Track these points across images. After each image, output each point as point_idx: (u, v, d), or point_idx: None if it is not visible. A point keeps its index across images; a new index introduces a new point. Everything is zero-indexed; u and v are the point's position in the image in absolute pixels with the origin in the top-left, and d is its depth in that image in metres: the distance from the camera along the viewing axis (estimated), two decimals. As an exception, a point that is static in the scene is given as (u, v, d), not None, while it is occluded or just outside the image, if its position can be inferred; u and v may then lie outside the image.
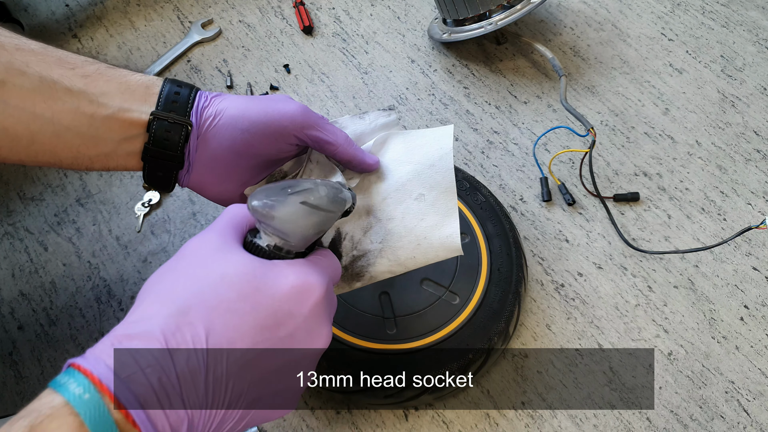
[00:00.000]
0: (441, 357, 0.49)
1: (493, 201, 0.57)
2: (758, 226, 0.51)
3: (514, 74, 0.75)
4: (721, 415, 0.53)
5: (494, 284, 0.53)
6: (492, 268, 0.53)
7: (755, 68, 0.75)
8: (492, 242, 0.55)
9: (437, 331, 0.50)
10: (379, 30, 0.80)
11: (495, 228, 0.55)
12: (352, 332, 0.50)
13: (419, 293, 0.52)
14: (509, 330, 0.52)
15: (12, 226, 0.64)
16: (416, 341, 0.50)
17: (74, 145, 0.40)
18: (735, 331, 0.57)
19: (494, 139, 0.70)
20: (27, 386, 0.54)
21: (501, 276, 0.53)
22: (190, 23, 0.80)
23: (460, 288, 0.52)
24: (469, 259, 0.54)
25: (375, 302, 0.51)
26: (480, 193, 0.58)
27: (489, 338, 0.50)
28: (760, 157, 0.68)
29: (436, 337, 0.50)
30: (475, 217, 0.56)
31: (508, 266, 0.53)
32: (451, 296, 0.52)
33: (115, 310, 0.58)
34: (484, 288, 0.52)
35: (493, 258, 0.54)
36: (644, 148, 0.68)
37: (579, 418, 0.52)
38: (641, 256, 0.61)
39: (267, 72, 0.76)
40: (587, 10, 0.81)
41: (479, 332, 0.50)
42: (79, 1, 0.82)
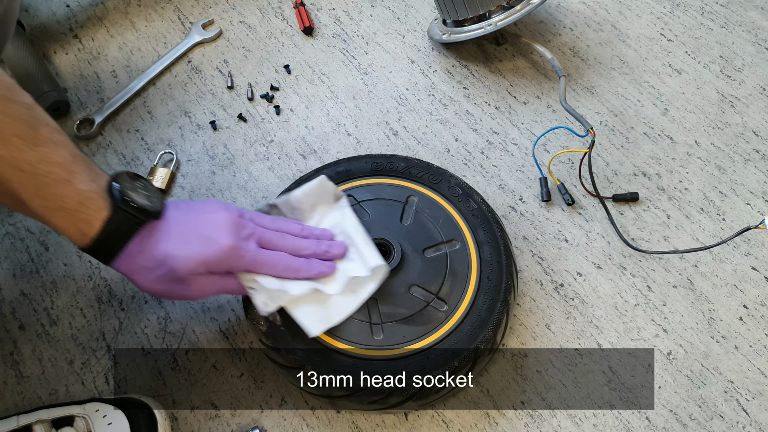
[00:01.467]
0: (427, 363, 0.49)
1: (485, 208, 0.57)
2: (757, 226, 0.51)
3: (513, 75, 0.75)
4: (721, 414, 0.53)
5: (483, 292, 0.52)
6: (481, 275, 0.53)
7: (754, 68, 0.75)
8: (482, 249, 0.54)
9: (424, 337, 0.50)
10: (379, 31, 0.80)
11: (486, 235, 0.55)
12: (339, 337, 0.50)
13: (407, 299, 0.52)
14: (497, 338, 0.51)
15: (13, 226, 0.64)
16: (402, 347, 0.49)
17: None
18: (734, 331, 0.57)
19: (494, 139, 0.70)
20: (28, 386, 0.54)
21: (490, 284, 0.52)
22: (191, 24, 0.80)
23: (449, 295, 0.52)
24: (458, 266, 0.54)
25: (362, 307, 0.51)
26: (472, 199, 0.57)
27: (476, 346, 0.49)
28: (759, 157, 0.68)
29: (423, 344, 0.50)
30: (466, 224, 0.56)
31: (497, 274, 0.53)
32: (439, 303, 0.52)
33: (115, 310, 0.58)
34: (473, 295, 0.52)
35: (483, 265, 0.54)
36: (643, 149, 0.68)
37: (578, 418, 0.53)
38: (640, 256, 0.61)
39: (267, 72, 0.76)
40: (587, 10, 0.81)
41: (466, 339, 0.50)
42: (80, 2, 0.83)
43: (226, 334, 0.57)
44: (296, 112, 0.73)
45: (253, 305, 0.48)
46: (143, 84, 0.73)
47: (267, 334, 0.50)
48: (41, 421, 0.47)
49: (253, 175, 0.67)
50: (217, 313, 0.58)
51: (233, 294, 0.50)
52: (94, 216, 0.42)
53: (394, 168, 0.60)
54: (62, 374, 0.55)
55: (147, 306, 0.59)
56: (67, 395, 0.54)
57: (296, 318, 0.48)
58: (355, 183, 0.59)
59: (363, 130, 0.71)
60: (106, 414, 0.47)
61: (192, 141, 0.70)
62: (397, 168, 0.60)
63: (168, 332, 0.57)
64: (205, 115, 0.72)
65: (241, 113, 0.72)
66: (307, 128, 0.71)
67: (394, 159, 0.60)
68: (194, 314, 0.58)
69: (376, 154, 0.61)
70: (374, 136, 0.70)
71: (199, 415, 0.53)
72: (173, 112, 0.72)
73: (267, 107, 0.73)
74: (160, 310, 0.58)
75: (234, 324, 0.58)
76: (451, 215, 0.56)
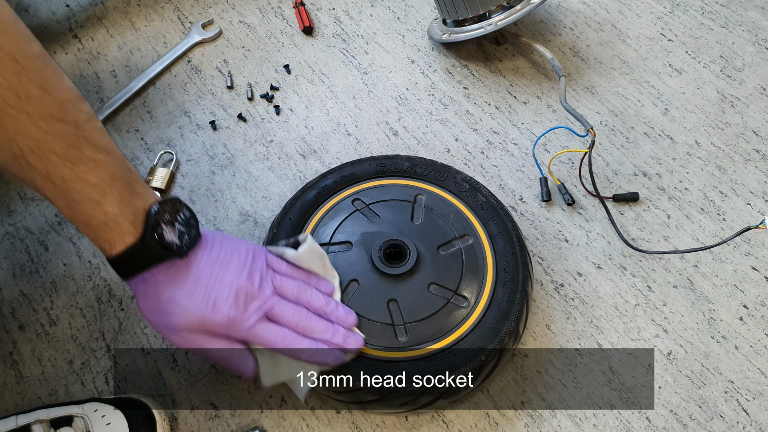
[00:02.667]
0: (454, 360, 0.49)
1: (493, 201, 0.57)
2: (757, 226, 0.51)
3: (513, 75, 0.75)
4: (721, 414, 0.53)
5: (501, 284, 0.52)
6: (498, 268, 0.53)
7: (754, 68, 0.75)
8: (496, 242, 0.55)
9: (448, 334, 0.50)
10: (379, 30, 0.80)
11: (497, 228, 0.55)
12: (365, 342, 0.49)
13: (427, 298, 0.52)
14: (519, 329, 0.52)
15: (13, 226, 0.64)
16: (428, 346, 0.50)
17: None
18: (734, 331, 0.57)
19: (494, 139, 0.70)
20: (27, 386, 0.54)
21: (507, 276, 0.53)
22: (191, 24, 0.80)
23: (468, 290, 0.52)
24: (474, 261, 0.54)
25: (384, 310, 0.51)
26: (480, 193, 0.58)
27: (500, 339, 0.49)
28: (759, 157, 0.68)
29: (448, 341, 0.50)
30: (476, 218, 0.56)
31: (513, 265, 0.53)
32: (460, 299, 0.52)
33: (115, 310, 0.58)
34: (492, 289, 0.52)
35: (498, 258, 0.54)
36: (644, 149, 0.68)
37: (578, 418, 0.53)
38: (641, 256, 0.61)
39: (267, 72, 0.76)
40: (587, 10, 0.81)
41: (490, 333, 0.50)
42: (80, 2, 0.83)
43: (226, 334, 0.57)
44: (296, 112, 0.72)
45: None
46: (143, 84, 0.73)
47: None
48: (40, 421, 0.47)
49: (252, 175, 0.67)
50: (217, 313, 0.58)
51: (217, 359, 0.48)
52: (117, 239, 0.43)
53: (398, 168, 0.60)
54: (62, 374, 0.55)
55: (147, 306, 0.59)
56: (67, 395, 0.54)
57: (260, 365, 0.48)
58: (361, 186, 0.59)
59: (363, 129, 0.71)
60: (104, 414, 0.47)
61: (192, 141, 0.70)
62: (401, 168, 0.60)
63: (168, 332, 0.57)
64: (205, 115, 0.72)
65: (241, 113, 0.72)
66: (307, 128, 0.71)
67: (398, 159, 0.60)
68: (194, 314, 0.58)
69: (380, 156, 0.61)
70: (374, 136, 0.70)
71: (198, 415, 0.53)
72: (173, 112, 0.72)
73: (267, 107, 0.73)
74: (159, 310, 0.58)
75: (234, 324, 0.57)
76: (461, 211, 0.57)
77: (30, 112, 0.38)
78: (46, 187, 0.40)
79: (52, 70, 0.40)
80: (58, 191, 0.41)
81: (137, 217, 0.43)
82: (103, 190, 0.41)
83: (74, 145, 0.40)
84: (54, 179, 0.40)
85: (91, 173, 0.41)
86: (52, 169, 0.40)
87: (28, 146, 0.39)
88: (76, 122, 0.40)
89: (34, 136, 0.38)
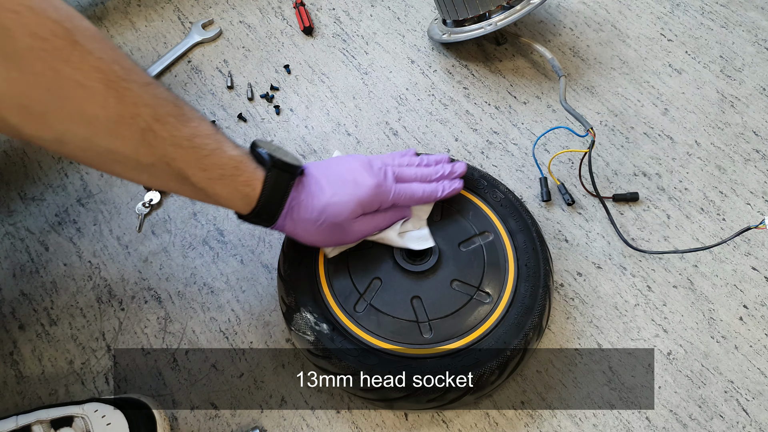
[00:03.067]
0: (480, 356, 0.48)
1: (512, 197, 0.57)
2: (757, 226, 0.51)
3: (513, 75, 0.75)
4: (721, 414, 0.53)
5: (523, 280, 0.52)
6: (519, 263, 0.53)
7: (754, 68, 0.75)
8: (516, 238, 0.55)
9: (473, 330, 0.50)
10: (379, 31, 0.80)
11: (517, 224, 0.56)
12: (390, 339, 0.49)
13: (450, 295, 0.52)
14: (543, 324, 0.52)
15: (13, 226, 0.64)
16: (453, 342, 0.50)
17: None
18: (734, 331, 0.57)
19: (494, 139, 0.70)
20: (27, 386, 0.54)
21: (529, 271, 0.53)
22: (191, 24, 0.80)
23: (490, 286, 0.52)
24: (495, 257, 0.54)
25: (408, 307, 0.51)
26: (498, 189, 0.58)
27: (525, 334, 0.50)
28: (759, 157, 0.68)
29: (472, 337, 0.50)
30: (496, 214, 0.56)
31: (535, 261, 0.53)
32: (483, 295, 0.52)
33: (115, 310, 0.58)
34: (514, 284, 0.52)
35: (519, 254, 0.54)
36: (643, 149, 0.68)
37: (578, 418, 0.53)
38: (640, 256, 0.61)
39: (267, 72, 0.76)
40: (586, 10, 0.81)
41: (514, 329, 0.50)
42: (80, 2, 0.83)
43: (226, 334, 0.57)
44: (296, 111, 0.73)
45: (298, 311, 0.50)
46: (143, 84, 0.73)
47: (316, 344, 0.49)
48: (40, 421, 0.47)
49: (252, 175, 0.67)
50: (217, 313, 0.58)
51: (382, 229, 0.53)
52: (253, 177, 0.44)
53: None
54: (62, 374, 0.55)
55: (147, 306, 0.59)
56: (67, 395, 0.54)
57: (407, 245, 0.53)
58: None
59: (363, 129, 0.71)
60: (105, 414, 0.47)
61: (192, 141, 0.70)
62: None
63: (168, 332, 0.57)
64: (205, 115, 0.72)
65: (241, 113, 0.72)
66: (307, 128, 0.71)
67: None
68: (194, 314, 0.58)
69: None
70: (374, 136, 0.70)
71: (198, 415, 0.53)
72: (173, 112, 0.72)
73: (267, 107, 0.73)
74: (160, 310, 0.58)
75: (234, 324, 0.58)
76: (479, 207, 0.57)
77: (137, 80, 0.39)
78: (177, 153, 0.41)
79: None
80: (187, 153, 0.41)
81: (250, 153, 0.45)
82: (218, 139, 0.43)
83: (177, 105, 0.41)
84: (180, 141, 0.40)
85: (202, 126, 0.42)
86: (176, 131, 0.40)
87: (150, 115, 0.39)
88: (164, 84, 0.42)
89: (149, 103, 0.39)
